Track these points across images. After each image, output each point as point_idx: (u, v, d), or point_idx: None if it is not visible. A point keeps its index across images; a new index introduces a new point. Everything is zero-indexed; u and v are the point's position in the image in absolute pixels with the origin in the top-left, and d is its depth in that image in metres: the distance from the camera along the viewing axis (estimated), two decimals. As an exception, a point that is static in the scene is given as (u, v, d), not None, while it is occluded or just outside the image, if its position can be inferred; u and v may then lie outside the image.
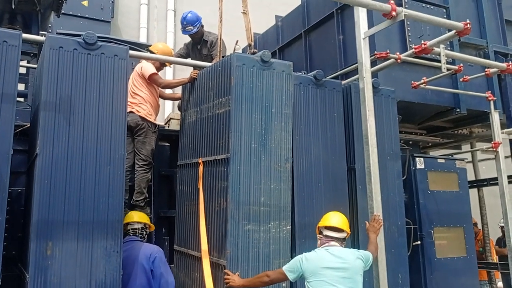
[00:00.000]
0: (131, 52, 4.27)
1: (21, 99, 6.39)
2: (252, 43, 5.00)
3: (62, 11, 9.46)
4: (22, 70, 6.68)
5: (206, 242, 4.24)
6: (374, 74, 5.50)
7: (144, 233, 4.39)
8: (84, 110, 3.67)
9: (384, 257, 4.21)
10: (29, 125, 4.65)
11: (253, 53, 4.81)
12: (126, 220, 4.39)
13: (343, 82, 5.51)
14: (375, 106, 4.77)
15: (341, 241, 3.70)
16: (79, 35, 3.78)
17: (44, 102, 3.53)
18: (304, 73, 5.22)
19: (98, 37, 3.83)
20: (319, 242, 3.76)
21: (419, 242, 5.86)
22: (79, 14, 9.79)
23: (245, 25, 4.93)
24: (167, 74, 10.52)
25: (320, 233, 3.78)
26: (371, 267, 4.04)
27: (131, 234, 4.29)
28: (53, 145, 3.50)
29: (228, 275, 3.98)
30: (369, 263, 3.77)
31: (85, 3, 10.11)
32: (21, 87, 6.72)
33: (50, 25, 7.70)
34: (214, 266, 4.23)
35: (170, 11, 11.72)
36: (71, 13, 9.53)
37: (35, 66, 5.24)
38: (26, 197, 4.33)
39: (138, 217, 4.43)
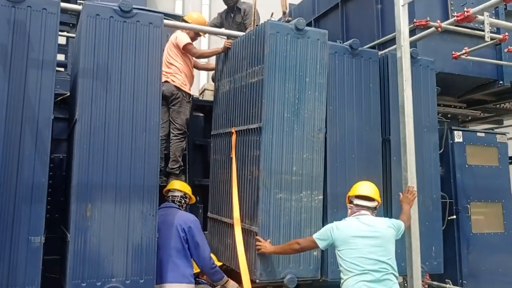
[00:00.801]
0: (165, 21, 4.30)
1: (62, 69, 6.58)
2: (287, 11, 4.94)
3: (99, -16, 9.66)
4: (62, 41, 6.85)
5: (238, 210, 4.32)
6: (412, 44, 5.33)
7: (183, 201, 4.49)
8: (121, 77, 3.73)
9: (418, 229, 4.17)
10: (69, 93, 4.79)
11: (288, 21, 4.75)
12: (168, 187, 4.52)
13: (380, 52, 5.37)
14: (412, 76, 4.65)
15: (372, 210, 3.68)
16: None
17: (82, 69, 3.62)
18: (340, 42, 5.11)
19: (134, 9, 3.87)
20: (349, 211, 3.76)
21: (454, 217, 5.76)
22: (114, -15, 9.89)
23: (280, -7, 4.85)
24: (202, 46, 10.53)
25: (351, 202, 3.77)
26: (403, 236, 4.02)
27: (170, 201, 4.41)
28: (91, 110, 3.60)
29: (260, 241, 4.05)
30: (400, 232, 3.75)
31: (120, -26, 10.16)
32: (61, 57, 6.90)
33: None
34: (246, 232, 4.31)
35: (205, -16, 11.66)
36: (106, -16, 9.64)
37: (74, 35, 5.36)
38: (67, 163, 4.50)
39: (179, 186, 4.54)
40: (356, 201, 3.70)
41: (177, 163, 5.05)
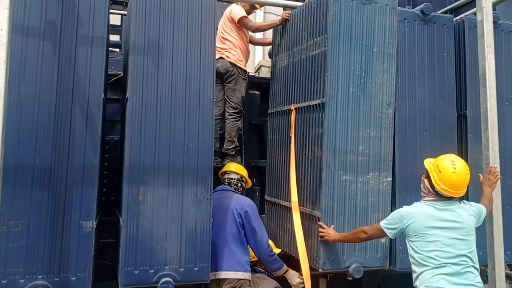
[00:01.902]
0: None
1: (116, 50, 6.50)
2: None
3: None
4: (116, 21, 6.76)
5: (296, 193, 4.03)
6: (492, 8, 4.78)
7: (240, 185, 4.28)
8: (172, 53, 3.51)
9: (501, 216, 3.70)
10: (122, 74, 4.66)
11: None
12: (224, 169, 4.31)
13: (455, 18, 4.83)
14: (493, 43, 4.13)
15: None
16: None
17: (133, 44, 3.43)
18: (409, 8, 4.63)
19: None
20: (425, 192, 3.23)
21: (539, 200, 5.16)
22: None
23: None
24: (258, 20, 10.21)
25: (430, 184, 3.17)
26: (483, 223, 3.57)
27: (226, 184, 4.21)
28: (143, 88, 3.41)
29: (323, 228, 3.75)
30: (482, 218, 3.29)
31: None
32: (116, 38, 6.82)
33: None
34: (307, 217, 4.03)
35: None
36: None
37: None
38: (121, 145, 4.38)
39: (235, 168, 4.33)
40: (443, 192, 3.11)
41: (232, 143, 4.82)
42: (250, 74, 6.05)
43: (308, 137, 4.10)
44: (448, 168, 3.09)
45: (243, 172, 4.31)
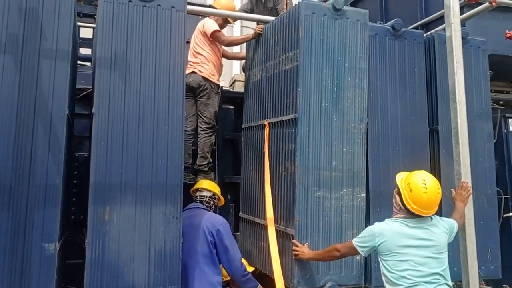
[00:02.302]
0: (190, 7, 3.97)
1: (88, 63, 6.36)
2: (322, -9, 4.49)
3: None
4: (89, 35, 6.64)
5: (272, 209, 3.95)
6: (461, 24, 4.85)
7: (212, 202, 4.19)
8: (141, 67, 3.42)
9: (473, 231, 3.69)
10: (91, 88, 4.54)
11: (324, 1, 4.33)
12: (196, 187, 4.21)
13: (426, 33, 4.87)
14: (463, 59, 4.17)
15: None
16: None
17: (99, 58, 3.32)
18: (381, 23, 4.65)
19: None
20: (397, 208, 3.17)
21: (511, 214, 5.21)
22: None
23: (314, -28, 4.42)
24: (235, 34, 10.24)
25: (402, 203, 3.10)
26: (456, 238, 3.55)
27: (198, 201, 4.11)
28: (109, 104, 3.30)
29: (297, 246, 3.67)
30: (453, 234, 3.26)
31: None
32: (87, 51, 6.70)
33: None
34: (281, 235, 3.94)
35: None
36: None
37: (96, 26, 5.10)
38: (89, 161, 4.24)
39: (207, 185, 4.23)
40: (414, 211, 3.05)
41: (205, 159, 4.72)
42: (224, 88, 6.00)
43: (281, 152, 4.05)
44: (419, 187, 3.03)
45: (216, 189, 4.22)
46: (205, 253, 3.73)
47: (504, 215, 5.19)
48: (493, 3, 4.51)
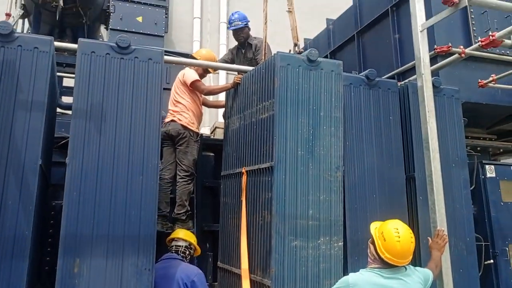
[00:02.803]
0: (169, 58, 4.05)
1: (69, 112, 6.41)
2: (298, 43, 4.66)
3: (118, 28, 9.70)
4: (71, 83, 6.73)
5: (247, 260, 3.90)
6: (435, 73, 5.01)
7: (188, 252, 4.13)
8: (117, 117, 3.46)
9: (451, 280, 3.67)
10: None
11: (300, 53, 4.45)
12: (172, 236, 4.16)
13: (400, 82, 5.01)
14: (436, 107, 4.28)
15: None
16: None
17: (75, 109, 3.36)
18: (355, 73, 4.78)
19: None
20: (371, 258, 3.13)
21: (492, 261, 5.19)
22: (133, 30, 9.94)
23: (291, 24, 4.60)
24: (220, 82, 10.45)
25: (376, 252, 3.07)
26: (433, 285, 3.52)
27: (173, 251, 4.05)
28: (83, 154, 3.31)
29: (273, 297, 3.60)
30: (428, 284, 3.21)
31: (140, 19, 10.26)
32: (69, 99, 6.76)
33: (101, 39, 7.79)
34: (258, 286, 3.87)
35: (223, 23, 11.68)
36: (126, 29, 9.70)
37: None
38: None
39: (183, 235, 4.19)
40: (388, 261, 3.02)
41: (183, 207, 4.68)
42: (204, 135, 6.04)
43: (258, 201, 4.04)
44: (392, 236, 3.03)
45: (192, 239, 4.17)
46: (179, 306, 3.65)
47: (485, 262, 5.17)
48: (462, 54, 4.68)
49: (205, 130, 8.51)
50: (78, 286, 3.12)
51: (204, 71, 5.24)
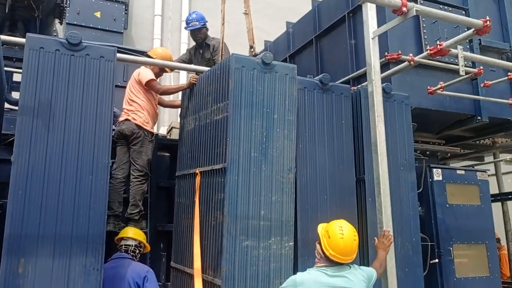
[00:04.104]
0: (122, 56, 4.01)
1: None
2: (254, 45, 4.70)
3: (75, 22, 9.45)
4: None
5: (200, 260, 3.92)
6: (387, 79, 5.18)
7: (137, 251, 4.12)
8: (66, 116, 3.40)
9: (395, 279, 3.81)
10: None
11: (255, 55, 4.50)
12: (121, 235, 4.12)
13: (353, 88, 5.15)
14: (387, 112, 4.43)
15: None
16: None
17: (22, 106, 3.29)
18: (310, 77, 4.88)
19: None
20: (318, 257, 3.27)
21: (436, 261, 5.40)
22: (91, 25, 9.77)
23: (247, 26, 4.64)
24: (180, 81, 10.36)
25: (322, 251, 3.22)
26: (378, 284, 3.66)
27: (123, 251, 4.01)
28: (30, 152, 3.24)
29: (223, 297, 3.63)
30: (372, 282, 3.34)
31: (98, 14, 10.06)
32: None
33: (55, 34, 7.59)
34: (209, 285, 3.90)
35: (184, 22, 11.55)
36: (83, 24, 9.54)
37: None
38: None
39: (133, 233, 4.15)
40: (332, 258, 3.16)
41: (136, 207, 4.64)
42: (160, 135, 6.00)
43: (211, 202, 4.06)
44: (336, 234, 3.17)
45: (141, 237, 4.16)
46: (129, 306, 3.63)
47: (431, 262, 5.38)
48: (412, 62, 4.86)
49: (163, 130, 8.44)
50: (22, 286, 3.06)
51: (160, 70, 5.21)
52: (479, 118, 6.04)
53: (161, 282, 4.80)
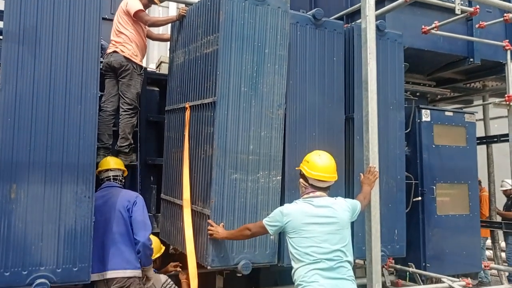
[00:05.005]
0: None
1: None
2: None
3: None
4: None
5: (189, 191, 4.01)
6: (381, 17, 5.09)
7: (123, 179, 4.22)
8: (52, 43, 3.32)
9: (378, 212, 3.93)
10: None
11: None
12: (104, 167, 4.14)
13: (346, 25, 5.06)
14: (379, 50, 4.39)
15: (327, 189, 3.38)
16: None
17: (6, 32, 3.20)
18: (303, 12, 4.78)
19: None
20: (302, 189, 3.39)
21: (419, 198, 5.59)
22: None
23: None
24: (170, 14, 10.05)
25: (304, 179, 3.36)
26: (362, 218, 3.80)
27: (112, 180, 4.08)
28: (17, 79, 3.19)
29: (212, 226, 3.76)
30: (356, 213, 3.48)
31: None
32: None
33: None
34: (198, 215, 4.02)
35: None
36: None
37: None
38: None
39: (115, 163, 4.20)
40: (312, 182, 3.32)
41: (126, 140, 4.67)
42: (149, 70, 5.93)
43: (200, 135, 4.09)
44: (313, 156, 3.38)
45: (122, 165, 4.25)
46: (121, 232, 3.74)
47: (414, 199, 5.56)
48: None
49: (152, 67, 8.31)
50: (15, 210, 3.13)
51: (148, 1, 5.05)
52: (471, 60, 6.03)
53: (151, 213, 4.93)
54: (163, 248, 4.44)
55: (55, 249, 3.24)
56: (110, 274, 3.67)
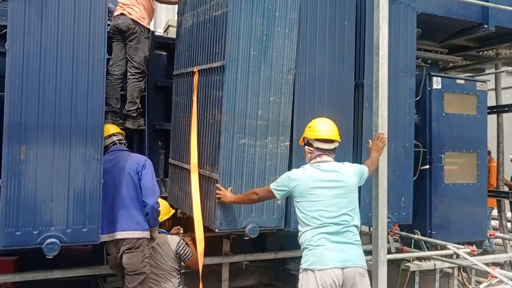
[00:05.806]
0: None
1: None
2: None
3: None
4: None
5: (196, 156, 4.02)
6: (394, -20, 4.95)
7: (125, 143, 4.23)
8: (59, 2, 3.27)
9: (386, 178, 3.92)
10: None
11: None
12: (106, 133, 4.11)
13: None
14: (391, 15, 4.27)
15: (333, 152, 3.38)
16: None
17: (12, -8, 3.14)
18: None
19: None
20: (308, 156, 3.42)
21: (427, 166, 5.57)
22: None
23: None
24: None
25: (309, 145, 3.42)
26: (369, 184, 3.81)
27: (118, 144, 4.09)
28: (24, 40, 3.16)
29: (220, 190, 3.78)
30: (364, 178, 3.49)
31: None
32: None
33: None
34: (206, 180, 4.04)
35: None
36: None
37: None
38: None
39: (115, 129, 4.20)
40: (317, 144, 3.36)
41: (134, 104, 4.66)
42: (157, 33, 5.86)
43: (209, 100, 4.06)
44: (313, 121, 3.50)
45: (119, 129, 4.26)
46: (131, 195, 3.77)
47: (422, 167, 5.54)
48: (422, -39, 4.62)
49: (160, 31, 8.21)
50: (25, 171, 3.16)
51: (157, -38, 4.96)
52: (485, 26, 5.88)
53: (159, 178, 4.96)
54: (172, 210, 4.48)
55: (64, 210, 3.28)
56: (120, 235, 3.73)
